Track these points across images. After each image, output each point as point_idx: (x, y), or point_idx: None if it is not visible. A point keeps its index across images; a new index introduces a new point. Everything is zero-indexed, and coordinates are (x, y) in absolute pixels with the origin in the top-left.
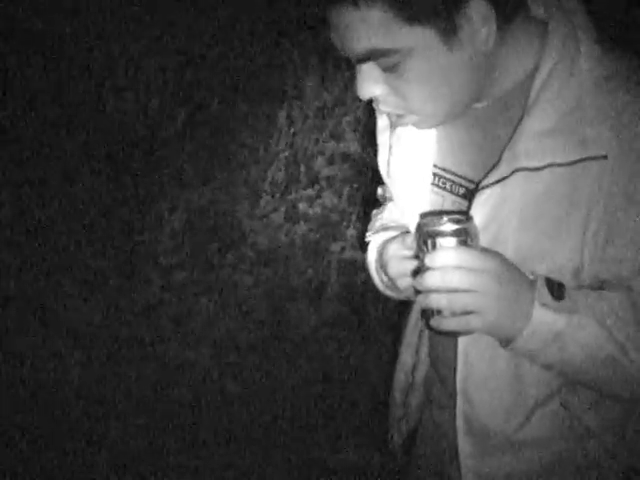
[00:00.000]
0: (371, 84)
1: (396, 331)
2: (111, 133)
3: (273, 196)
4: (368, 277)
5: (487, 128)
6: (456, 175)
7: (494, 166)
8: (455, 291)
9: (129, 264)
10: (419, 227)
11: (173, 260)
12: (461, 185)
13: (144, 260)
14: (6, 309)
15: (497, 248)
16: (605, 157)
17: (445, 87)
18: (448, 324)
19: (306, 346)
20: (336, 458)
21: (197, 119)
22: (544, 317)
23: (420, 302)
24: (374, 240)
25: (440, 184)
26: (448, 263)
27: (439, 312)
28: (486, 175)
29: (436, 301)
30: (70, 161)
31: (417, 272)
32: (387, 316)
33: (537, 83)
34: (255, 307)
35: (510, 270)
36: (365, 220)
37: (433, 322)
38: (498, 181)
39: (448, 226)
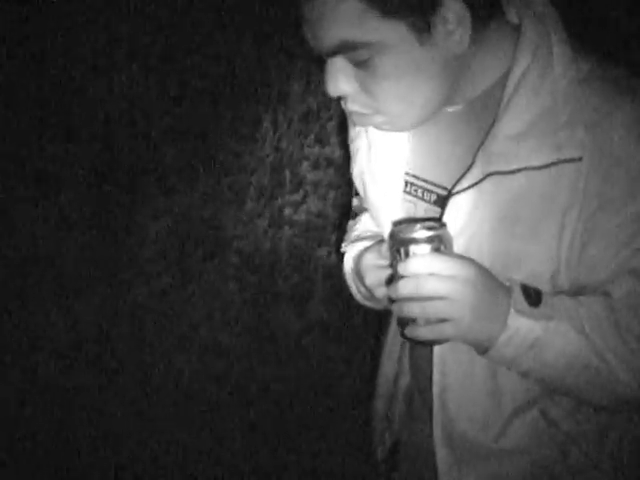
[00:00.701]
0: (341, 80)
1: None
2: (95, 139)
3: (258, 201)
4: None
5: (459, 132)
6: (427, 182)
7: (466, 171)
8: (429, 299)
9: (113, 271)
10: (392, 235)
11: (157, 267)
12: (432, 192)
13: (127, 267)
14: None
15: (472, 255)
16: (580, 159)
17: (416, 87)
18: (422, 332)
19: (292, 351)
20: (322, 464)
21: (181, 124)
22: (520, 324)
23: (395, 311)
24: (350, 250)
25: (412, 191)
26: (421, 271)
27: (413, 321)
28: (458, 180)
29: (410, 309)
30: (52, 168)
31: (391, 280)
32: (372, 321)
33: (510, 86)
34: (240, 313)
35: (485, 276)
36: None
37: (408, 331)
38: (471, 186)
39: (421, 233)
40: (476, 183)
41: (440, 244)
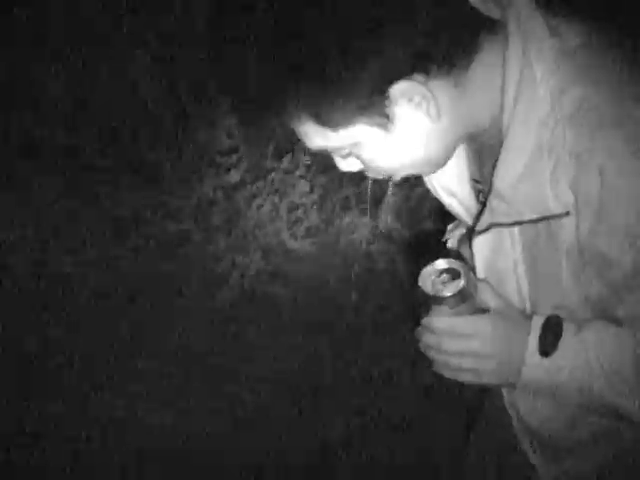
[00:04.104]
0: (345, 163)
1: None
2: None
3: None
4: None
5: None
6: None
7: (481, 212)
8: (449, 354)
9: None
10: (417, 285)
11: (229, 160)
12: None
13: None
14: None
15: (503, 288)
16: (567, 214)
17: (411, 157)
18: (446, 375)
19: (359, 259)
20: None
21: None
22: (532, 375)
23: (420, 347)
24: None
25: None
26: (441, 331)
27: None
28: (478, 218)
29: (433, 357)
30: None
31: (418, 320)
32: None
33: (504, 125)
34: (307, 215)
35: (503, 328)
36: None
37: (435, 366)
38: (484, 231)
39: (442, 292)
40: (486, 229)
41: (461, 300)
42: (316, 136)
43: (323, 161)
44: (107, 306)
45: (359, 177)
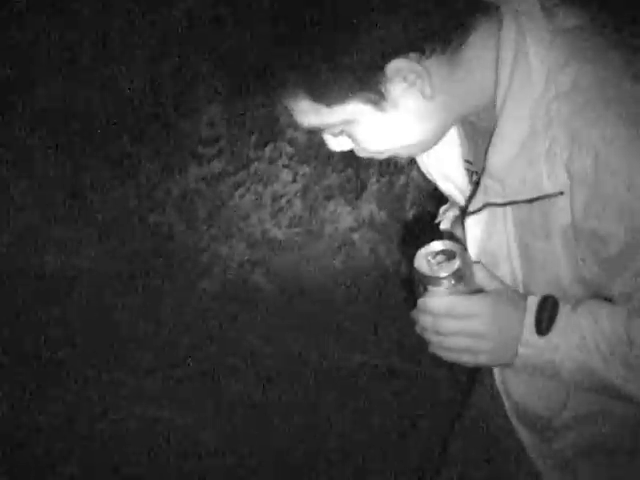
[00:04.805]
0: (335, 142)
1: None
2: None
3: None
4: None
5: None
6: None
7: (474, 192)
8: (446, 334)
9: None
10: (413, 267)
11: (211, 150)
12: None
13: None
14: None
15: (496, 269)
16: (562, 193)
17: (404, 137)
18: (443, 355)
19: (343, 247)
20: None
21: None
22: (529, 353)
23: (417, 331)
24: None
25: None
26: (438, 311)
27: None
28: (470, 199)
29: (430, 339)
30: None
31: (415, 303)
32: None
33: (497, 106)
34: (290, 204)
35: (499, 307)
36: None
37: (430, 348)
38: (477, 210)
39: (438, 271)
40: (480, 209)
41: (458, 281)
42: (310, 113)
43: (306, 150)
44: (90, 299)
45: (342, 165)
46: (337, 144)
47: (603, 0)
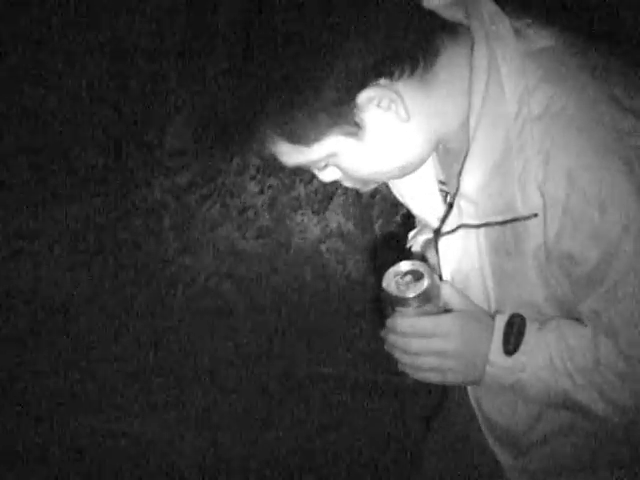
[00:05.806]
0: (324, 174)
1: None
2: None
3: None
4: None
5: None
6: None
7: (447, 213)
8: (415, 354)
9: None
10: (382, 287)
11: (178, 162)
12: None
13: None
14: None
15: (469, 289)
16: (536, 215)
17: (387, 161)
18: (411, 374)
19: (311, 259)
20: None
21: None
22: (495, 372)
23: (386, 349)
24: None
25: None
26: (405, 331)
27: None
28: (444, 220)
29: (400, 358)
30: None
31: (384, 320)
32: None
33: (471, 129)
34: (258, 215)
35: (468, 326)
36: None
37: (400, 366)
38: (454, 230)
39: (406, 291)
40: (454, 230)
41: (425, 301)
42: (292, 154)
43: (273, 162)
44: (54, 311)
45: (309, 177)
46: (327, 175)
47: (568, 19)
